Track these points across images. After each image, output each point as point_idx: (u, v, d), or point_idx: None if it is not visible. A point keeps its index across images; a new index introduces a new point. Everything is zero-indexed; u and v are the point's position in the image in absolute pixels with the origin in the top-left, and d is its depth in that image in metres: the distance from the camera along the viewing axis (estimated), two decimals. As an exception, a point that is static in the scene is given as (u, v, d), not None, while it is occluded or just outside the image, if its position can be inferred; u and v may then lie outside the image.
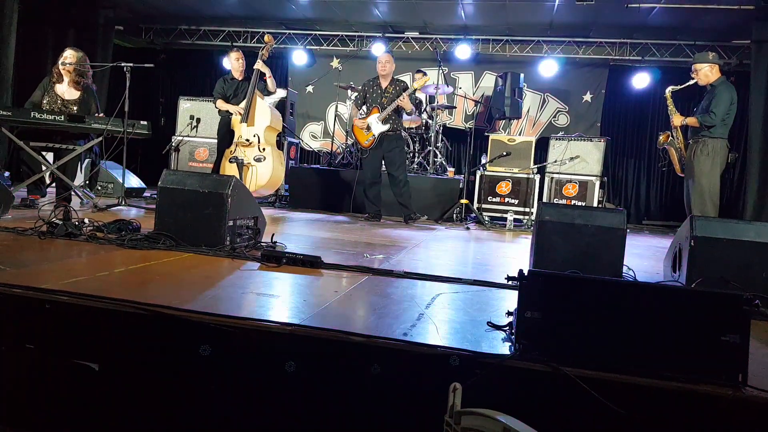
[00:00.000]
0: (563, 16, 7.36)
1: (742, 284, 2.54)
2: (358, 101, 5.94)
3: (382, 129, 5.64)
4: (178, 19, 8.91)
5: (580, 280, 1.79)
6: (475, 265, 3.66)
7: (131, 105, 5.10)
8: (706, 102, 4.84)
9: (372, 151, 5.77)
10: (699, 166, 4.76)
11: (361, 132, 5.82)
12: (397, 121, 5.70)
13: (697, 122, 4.80)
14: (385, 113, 5.58)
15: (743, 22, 6.63)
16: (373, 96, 5.77)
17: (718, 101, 4.72)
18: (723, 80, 4.87)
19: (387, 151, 5.71)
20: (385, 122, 5.61)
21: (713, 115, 4.69)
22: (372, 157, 5.80)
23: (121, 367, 1.82)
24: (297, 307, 2.07)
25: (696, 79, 4.93)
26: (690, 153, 4.89)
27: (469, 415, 1.31)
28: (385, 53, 5.97)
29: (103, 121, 4.78)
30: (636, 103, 8.52)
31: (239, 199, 3.16)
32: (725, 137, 4.77)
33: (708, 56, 4.92)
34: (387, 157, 5.74)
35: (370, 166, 5.83)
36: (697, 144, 4.82)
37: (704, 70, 4.85)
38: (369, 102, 5.80)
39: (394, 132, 5.71)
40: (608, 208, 6.41)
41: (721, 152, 4.75)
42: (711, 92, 4.84)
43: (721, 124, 4.73)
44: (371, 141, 5.72)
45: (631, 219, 8.37)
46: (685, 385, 1.53)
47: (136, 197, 6.42)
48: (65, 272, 2.32)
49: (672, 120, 5.03)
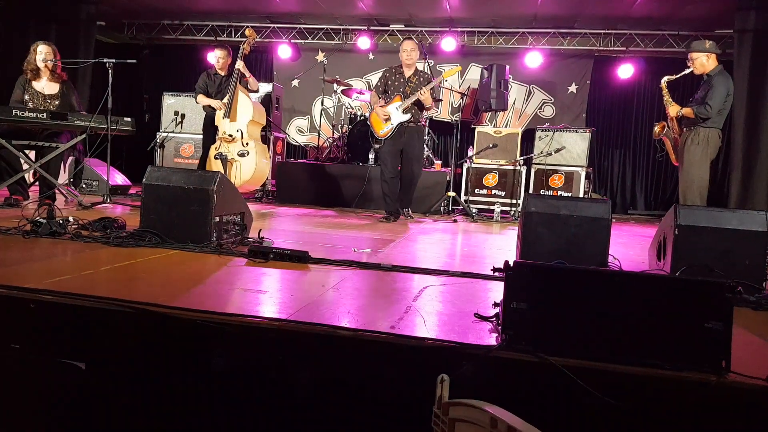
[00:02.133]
0: (548, 7, 7.37)
1: (726, 271, 2.57)
2: (379, 89, 5.53)
3: (402, 119, 5.27)
4: (161, 14, 8.80)
5: (565, 271, 1.80)
6: (462, 257, 3.67)
7: (115, 101, 5.05)
8: (702, 92, 4.74)
9: (388, 142, 5.37)
10: (689, 155, 4.74)
11: (378, 121, 5.41)
12: (418, 113, 5.35)
13: (692, 113, 4.72)
14: (408, 102, 5.22)
15: (726, 12, 6.68)
16: (395, 84, 5.39)
17: (714, 93, 4.62)
18: (720, 70, 4.74)
19: (407, 144, 5.35)
20: (406, 112, 5.25)
21: (708, 107, 4.60)
22: (389, 148, 5.38)
23: (108, 365, 1.80)
24: (284, 303, 2.07)
25: (692, 68, 4.82)
26: (682, 141, 4.85)
27: (457, 406, 1.32)
28: (409, 40, 5.45)
29: (87, 118, 4.72)
30: (621, 93, 8.57)
31: (225, 194, 3.15)
32: (719, 127, 4.70)
33: (705, 44, 4.79)
34: (406, 150, 5.37)
35: (390, 160, 5.39)
36: (690, 133, 4.75)
37: (700, 59, 4.74)
38: (391, 90, 5.41)
39: (415, 123, 5.34)
40: (594, 198, 6.46)
41: (712, 142, 4.71)
42: (707, 82, 4.73)
43: (717, 115, 4.67)
44: (388, 131, 5.33)
45: (617, 209, 8.43)
46: (670, 373, 1.55)
47: (121, 195, 6.36)
48: (50, 271, 2.30)
49: (667, 110, 4.94)
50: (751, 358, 1.71)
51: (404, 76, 5.39)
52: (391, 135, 5.34)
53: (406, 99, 5.25)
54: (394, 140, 5.35)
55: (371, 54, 8.88)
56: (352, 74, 8.86)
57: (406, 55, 5.34)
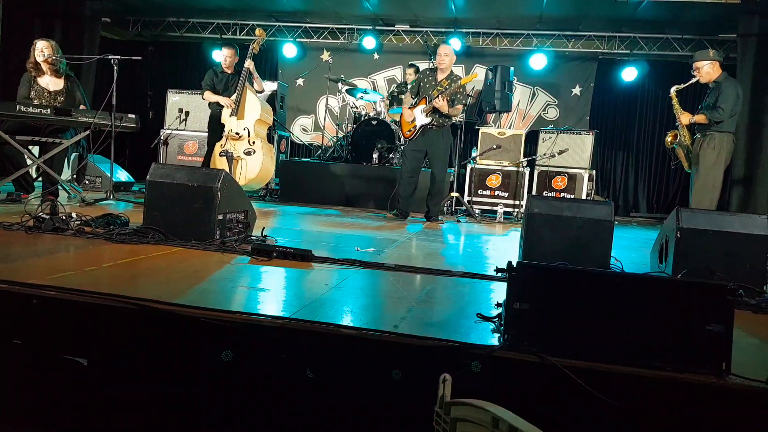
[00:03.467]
0: (553, 9, 7.37)
1: (727, 274, 2.58)
2: (413, 90, 5.63)
3: (424, 121, 5.33)
4: (167, 11, 8.82)
5: (568, 272, 1.81)
6: (465, 258, 3.68)
7: (119, 98, 5.06)
8: (713, 98, 4.80)
9: (411, 143, 5.47)
10: (704, 159, 4.78)
11: (405, 122, 5.56)
12: (442, 117, 5.34)
13: (705, 119, 4.76)
14: (430, 106, 5.28)
15: (730, 16, 6.68)
16: (426, 87, 5.45)
17: (725, 97, 4.69)
18: (726, 76, 4.84)
19: (430, 145, 5.41)
20: (428, 115, 5.32)
21: (721, 111, 4.66)
22: (411, 149, 5.48)
23: (110, 362, 1.81)
24: (287, 301, 2.07)
25: (698, 77, 4.89)
26: (697, 146, 4.90)
27: (459, 406, 1.33)
28: (446, 45, 5.55)
29: (91, 115, 4.73)
30: (624, 96, 8.57)
31: (229, 192, 3.15)
32: (732, 131, 4.77)
33: (708, 53, 4.87)
34: (430, 151, 5.44)
35: (410, 160, 5.48)
36: (704, 138, 4.82)
37: (705, 68, 4.82)
38: (422, 92, 5.48)
39: (439, 126, 5.37)
40: (596, 200, 6.46)
41: (727, 146, 4.76)
42: (716, 89, 4.80)
43: (729, 119, 4.73)
44: (412, 132, 5.45)
45: (620, 212, 8.43)
46: (671, 374, 1.55)
47: (125, 191, 6.37)
48: (52, 267, 2.31)
49: (679, 119, 4.98)
50: (751, 360, 1.72)
51: (436, 79, 5.44)
52: (414, 137, 5.46)
53: (429, 103, 5.30)
54: (417, 142, 5.46)
55: (376, 54, 8.88)
56: (358, 74, 8.86)
57: (440, 60, 5.43)
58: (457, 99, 5.31)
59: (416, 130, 5.40)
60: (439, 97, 5.17)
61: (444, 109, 5.19)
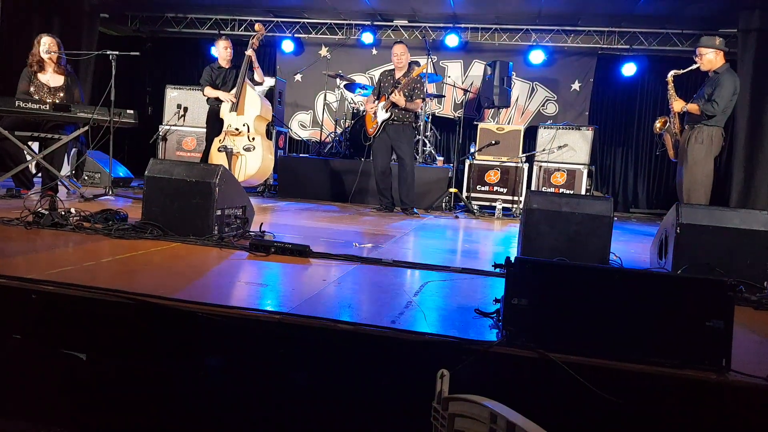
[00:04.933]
0: (552, 4, 7.35)
1: (727, 270, 2.57)
2: (375, 92, 5.87)
3: (384, 117, 5.55)
4: (165, 6, 8.79)
5: (566, 267, 1.80)
6: (463, 254, 3.68)
7: (117, 94, 5.04)
8: (709, 89, 4.69)
9: (377, 139, 5.67)
10: (693, 153, 4.71)
11: (369, 120, 5.78)
12: (401, 111, 5.54)
13: (698, 109, 4.67)
14: (389, 102, 5.49)
15: (730, 11, 6.66)
16: (385, 86, 5.69)
17: (721, 91, 4.59)
18: (727, 68, 4.72)
19: (393, 140, 5.62)
20: (387, 111, 5.53)
21: (715, 104, 4.57)
22: (378, 145, 5.68)
23: (109, 356, 1.81)
24: (285, 296, 2.07)
25: (699, 63, 4.78)
26: (684, 139, 4.80)
27: (457, 401, 1.32)
28: (398, 44, 5.70)
29: (89, 110, 4.72)
30: (624, 92, 8.55)
31: (227, 188, 3.14)
32: (722, 125, 4.66)
33: (715, 41, 4.74)
34: (394, 147, 5.64)
35: (379, 156, 5.69)
36: (692, 131, 4.72)
37: (709, 55, 4.70)
38: (382, 92, 5.71)
39: (400, 122, 5.56)
40: (595, 196, 6.45)
41: (716, 140, 4.66)
42: (714, 79, 4.69)
43: (721, 113, 4.64)
44: (374, 129, 5.66)
45: (619, 207, 8.42)
46: (670, 370, 1.55)
47: (123, 187, 6.36)
48: (51, 262, 2.30)
49: (672, 105, 4.88)
50: (751, 356, 1.72)
51: (394, 77, 5.68)
52: (377, 133, 5.66)
53: (387, 99, 5.52)
54: (380, 138, 5.66)
55: (374, 49, 8.86)
56: (356, 69, 8.84)
57: (396, 59, 5.63)
58: (414, 93, 5.53)
59: (378, 126, 5.63)
60: (396, 92, 5.40)
61: (401, 102, 5.43)
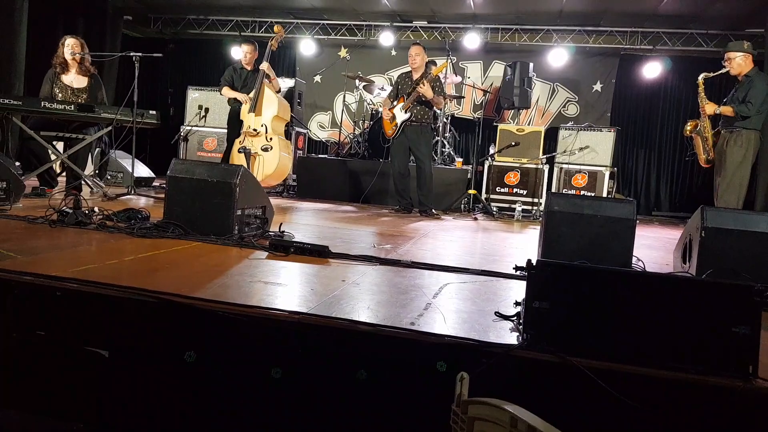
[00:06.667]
0: (573, 4, 7.28)
1: (753, 275, 2.51)
2: (391, 94, 5.88)
3: (403, 117, 5.56)
4: (187, 8, 8.91)
5: (588, 270, 1.78)
6: (482, 256, 3.65)
7: (140, 95, 5.12)
8: (742, 92, 4.70)
9: (395, 140, 5.70)
10: (732, 157, 4.68)
11: (387, 122, 5.79)
12: (421, 112, 5.58)
13: (732, 112, 4.66)
14: (408, 101, 5.50)
15: (757, 10, 6.53)
16: (403, 87, 5.72)
17: (755, 92, 4.59)
18: (757, 71, 4.75)
19: (412, 142, 5.63)
20: (407, 111, 5.53)
21: (750, 105, 4.56)
22: (397, 147, 5.72)
23: (130, 354, 1.83)
24: (304, 296, 2.07)
25: (728, 68, 4.78)
26: (722, 143, 4.77)
27: (476, 404, 1.31)
28: (414, 45, 5.74)
29: (113, 111, 4.79)
30: (647, 92, 8.44)
31: (247, 188, 3.17)
32: (759, 128, 4.67)
33: (743, 45, 4.78)
34: (412, 148, 5.67)
35: (397, 158, 5.74)
36: (731, 135, 4.70)
37: (737, 59, 4.72)
38: (400, 93, 5.74)
39: (419, 123, 5.59)
40: (618, 198, 6.37)
41: (754, 144, 4.66)
42: (747, 83, 4.70)
43: (756, 115, 4.63)
44: (393, 131, 5.68)
45: (641, 210, 8.31)
46: (695, 377, 1.52)
47: (146, 186, 6.44)
48: (75, 260, 2.34)
49: (703, 108, 4.85)
50: (779, 364, 1.67)
51: (412, 78, 5.68)
52: (396, 135, 5.68)
53: (408, 98, 5.52)
54: (399, 139, 5.68)
55: (394, 50, 8.86)
56: (375, 70, 8.86)
57: (411, 60, 5.66)
58: (435, 92, 5.50)
59: (398, 127, 5.63)
60: (423, 82, 5.36)
61: (429, 93, 5.38)
